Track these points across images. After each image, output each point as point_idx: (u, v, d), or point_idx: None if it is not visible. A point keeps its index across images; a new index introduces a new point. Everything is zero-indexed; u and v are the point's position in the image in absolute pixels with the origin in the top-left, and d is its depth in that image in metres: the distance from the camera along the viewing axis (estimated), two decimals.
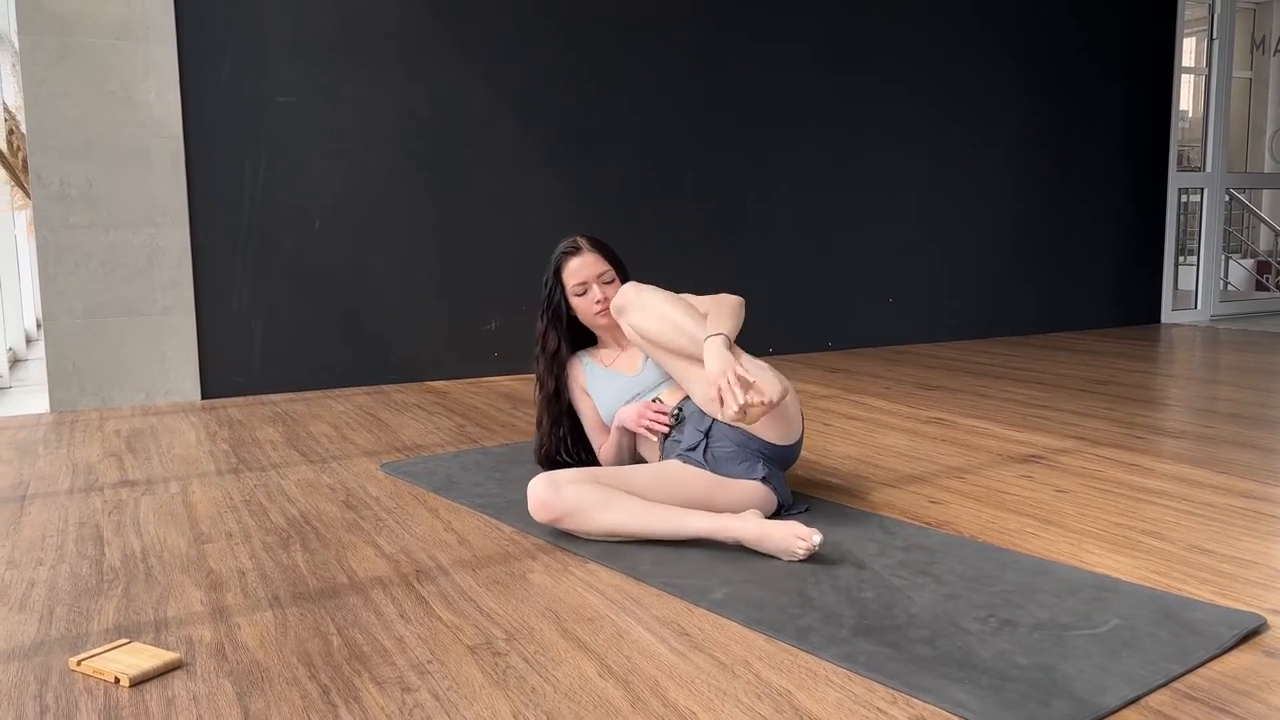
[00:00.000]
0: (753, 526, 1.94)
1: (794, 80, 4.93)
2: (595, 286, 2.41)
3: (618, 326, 2.36)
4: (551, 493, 2.05)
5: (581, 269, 2.43)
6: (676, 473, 2.12)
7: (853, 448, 2.94)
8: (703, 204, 4.76)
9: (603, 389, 2.45)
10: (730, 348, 2.05)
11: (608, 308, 2.37)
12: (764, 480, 2.13)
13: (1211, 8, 6.27)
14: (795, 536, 1.88)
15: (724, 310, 2.15)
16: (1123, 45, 5.96)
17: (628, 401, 2.39)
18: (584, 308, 2.44)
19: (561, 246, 2.49)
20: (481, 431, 3.22)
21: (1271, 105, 10.98)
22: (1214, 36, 6.30)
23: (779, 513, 2.18)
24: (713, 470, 2.13)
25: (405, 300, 4.19)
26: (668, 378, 2.36)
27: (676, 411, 2.28)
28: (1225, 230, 7.16)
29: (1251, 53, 10.90)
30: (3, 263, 5.24)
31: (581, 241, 2.48)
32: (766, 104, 4.87)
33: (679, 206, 4.71)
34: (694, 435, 2.18)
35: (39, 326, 7.21)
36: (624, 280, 2.45)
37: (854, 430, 3.18)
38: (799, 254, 5.03)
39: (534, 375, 2.55)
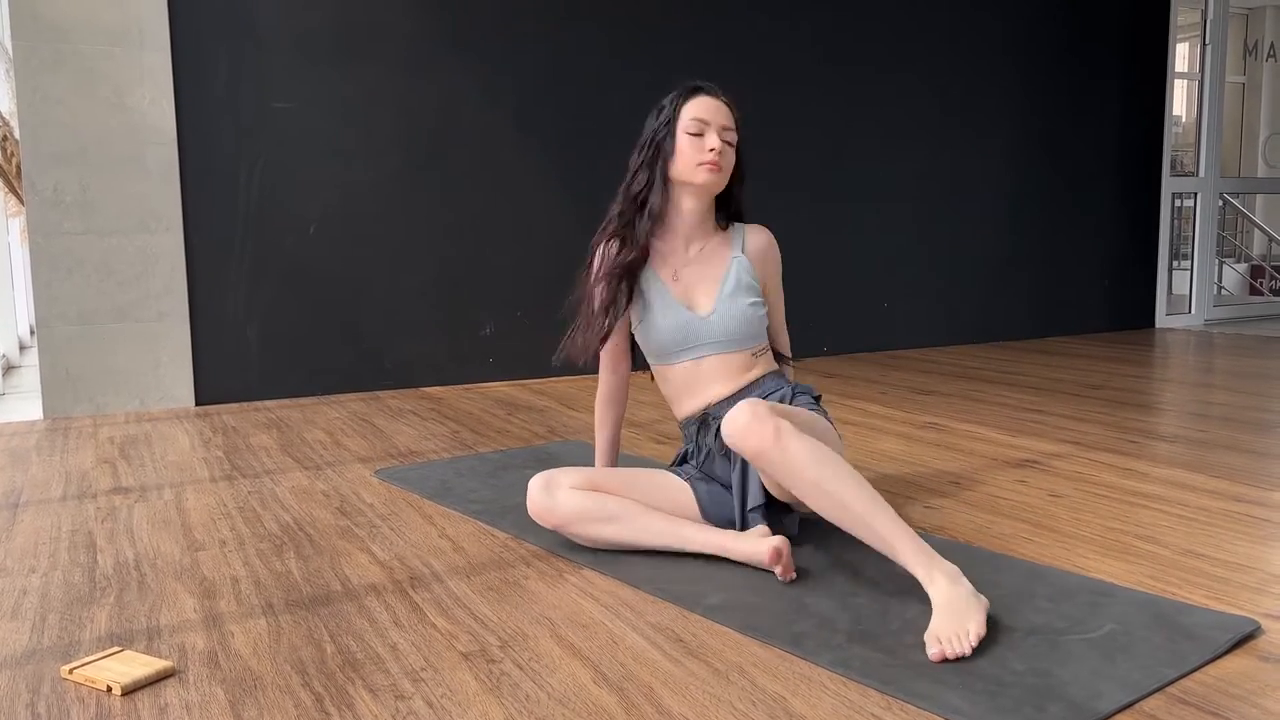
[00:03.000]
0: (750, 548, 1.86)
1: (789, 86, 4.93)
2: (714, 133, 2.00)
3: (709, 192, 2.04)
4: (547, 500, 1.96)
5: (707, 108, 2.01)
6: (674, 481, 2.07)
7: (847, 452, 2.93)
8: None
9: (657, 313, 2.06)
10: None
11: (718, 164, 1.99)
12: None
13: (1204, 13, 6.29)
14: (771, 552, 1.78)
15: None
16: (1116, 51, 5.98)
17: (679, 345, 2.04)
18: (689, 152, 1.98)
19: (687, 84, 2.06)
20: (476, 438, 3.21)
21: (1264, 110, 11.02)
22: (1207, 42, 6.32)
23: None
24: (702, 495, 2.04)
25: (400, 306, 4.18)
26: (736, 336, 2.04)
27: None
28: (1219, 235, 7.18)
29: (1244, 58, 10.95)
30: None
31: (715, 87, 2.06)
32: (761, 109, 4.87)
33: None
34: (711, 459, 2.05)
35: (33, 333, 7.19)
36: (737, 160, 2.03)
37: (849, 435, 3.18)
38: (794, 258, 5.01)
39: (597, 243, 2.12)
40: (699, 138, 1.98)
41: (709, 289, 2.08)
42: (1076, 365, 4.68)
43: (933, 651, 1.49)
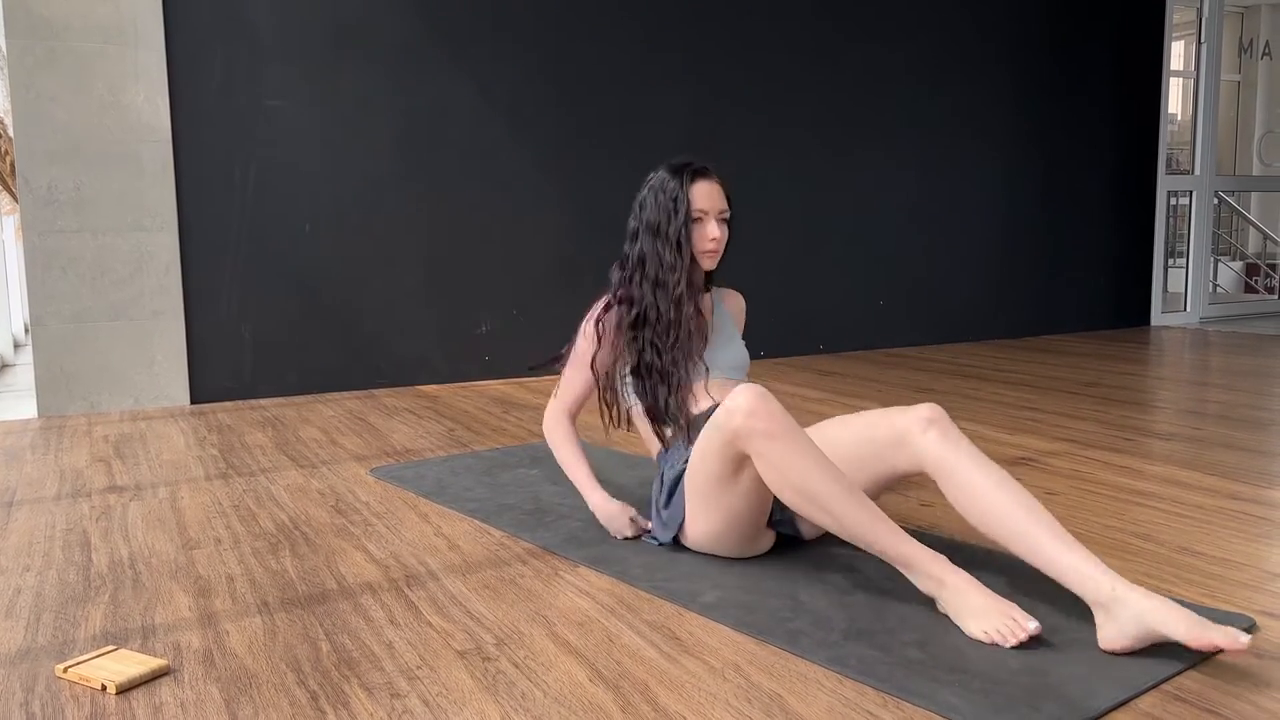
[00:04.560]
0: (966, 586, 1.62)
1: (784, 84, 4.93)
2: (713, 221, 2.07)
3: (707, 269, 2.13)
4: (766, 402, 1.72)
5: (706, 197, 2.07)
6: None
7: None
8: None
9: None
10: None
11: (719, 251, 2.09)
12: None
13: (1200, 12, 6.30)
14: (1012, 619, 1.56)
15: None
16: (1112, 49, 5.99)
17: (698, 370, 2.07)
18: (693, 239, 2.06)
19: (681, 161, 2.11)
20: (472, 436, 3.21)
21: (1260, 108, 11.04)
22: (1202, 40, 6.33)
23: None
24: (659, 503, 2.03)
25: (395, 304, 4.18)
26: (736, 365, 2.11)
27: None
28: (1214, 233, 7.19)
29: (1239, 56, 10.96)
30: None
31: (707, 166, 2.11)
32: (757, 108, 4.88)
33: None
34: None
35: (27, 331, 7.19)
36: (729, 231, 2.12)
37: None
38: (790, 257, 5.04)
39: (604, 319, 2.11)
40: (700, 224, 2.06)
41: (710, 335, 2.16)
42: (1072, 363, 4.69)
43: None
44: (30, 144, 3.55)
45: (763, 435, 1.69)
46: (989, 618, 1.57)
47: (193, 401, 3.86)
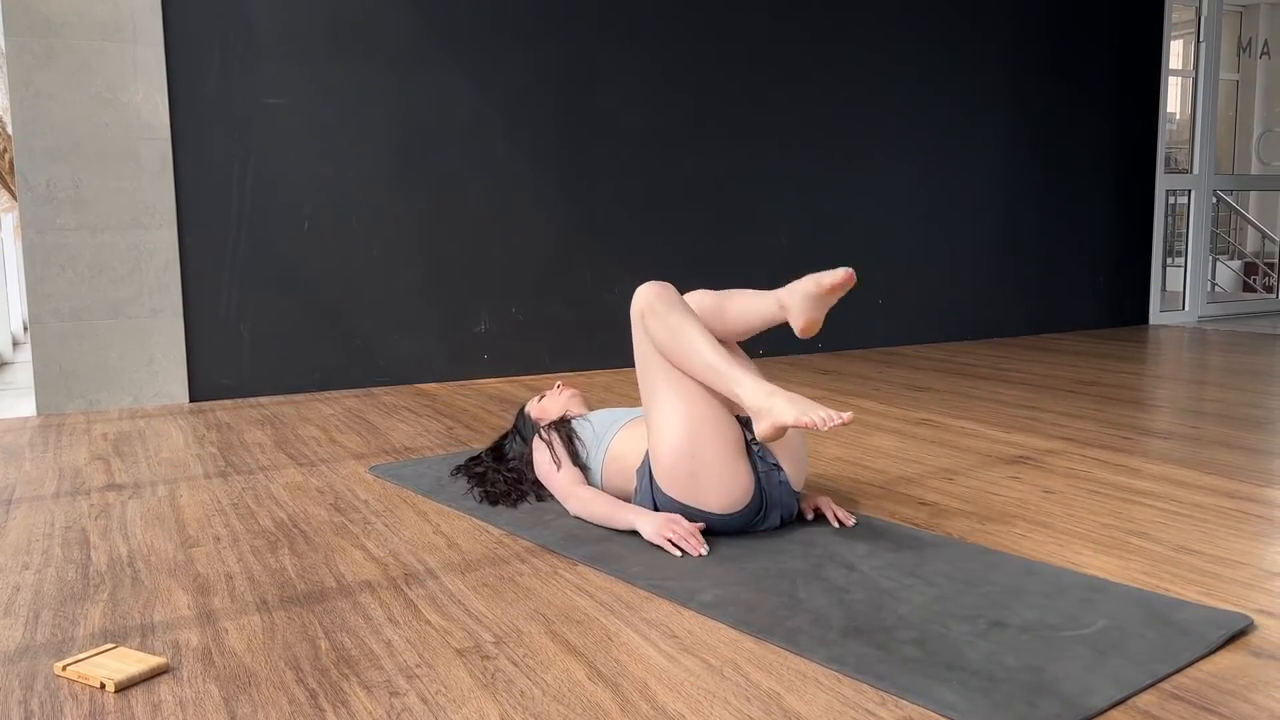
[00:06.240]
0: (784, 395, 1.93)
1: (784, 84, 4.94)
2: (548, 393, 2.59)
3: (574, 398, 2.58)
4: (657, 285, 2.11)
5: (536, 406, 2.58)
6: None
7: (842, 449, 2.94)
8: (693, 206, 4.76)
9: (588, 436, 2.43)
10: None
11: (564, 387, 2.59)
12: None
13: (1199, 11, 6.30)
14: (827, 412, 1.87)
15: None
16: (1111, 48, 5.99)
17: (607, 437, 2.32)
18: (549, 403, 2.56)
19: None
20: (471, 434, 3.21)
21: (1258, 107, 11.05)
22: (1201, 39, 6.33)
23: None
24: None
25: (394, 302, 4.18)
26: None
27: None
28: (1212, 232, 7.20)
29: (1238, 55, 10.97)
30: None
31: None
32: (756, 107, 4.88)
33: (669, 209, 4.71)
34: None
35: (26, 329, 7.19)
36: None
37: (843, 432, 3.18)
38: (788, 255, 5.04)
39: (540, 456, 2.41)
40: (543, 399, 2.57)
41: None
42: (1070, 362, 4.69)
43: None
44: (29, 141, 3.55)
45: (652, 299, 2.06)
46: (806, 407, 1.86)
47: (191, 399, 3.86)
